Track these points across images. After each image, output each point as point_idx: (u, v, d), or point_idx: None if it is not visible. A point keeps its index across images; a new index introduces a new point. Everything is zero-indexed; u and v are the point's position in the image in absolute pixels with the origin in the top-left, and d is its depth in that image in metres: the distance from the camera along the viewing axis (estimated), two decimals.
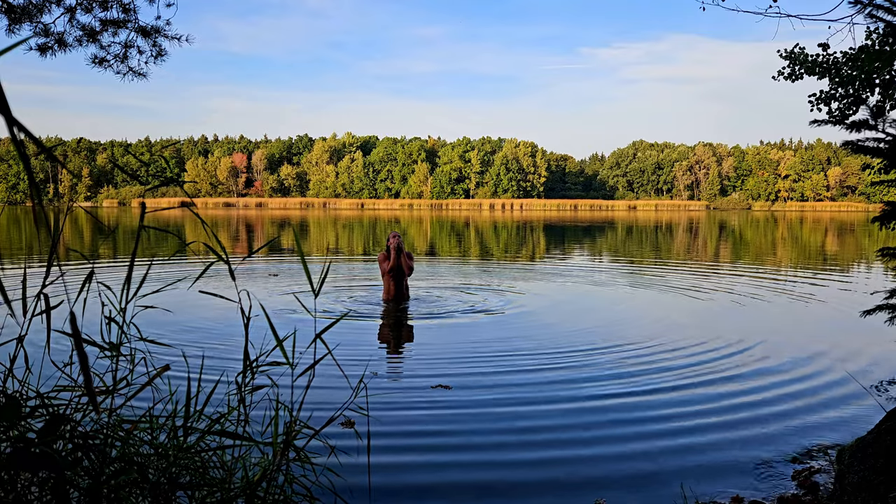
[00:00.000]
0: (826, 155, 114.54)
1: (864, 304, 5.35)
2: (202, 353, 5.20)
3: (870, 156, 4.25)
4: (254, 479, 1.96)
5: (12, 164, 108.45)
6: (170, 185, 2.21)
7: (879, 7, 4.01)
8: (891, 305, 4.43)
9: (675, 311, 8.94)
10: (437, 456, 3.76)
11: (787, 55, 4.79)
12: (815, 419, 4.40)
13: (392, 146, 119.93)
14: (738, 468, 3.59)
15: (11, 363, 2.02)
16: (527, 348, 6.30)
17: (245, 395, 2.13)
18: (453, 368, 5.53)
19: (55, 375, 2.19)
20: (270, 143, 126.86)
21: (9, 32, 5.57)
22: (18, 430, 1.80)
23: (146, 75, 6.20)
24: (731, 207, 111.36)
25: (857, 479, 2.74)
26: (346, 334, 6.74)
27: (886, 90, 4.29)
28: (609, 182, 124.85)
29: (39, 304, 1.82)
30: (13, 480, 1.61)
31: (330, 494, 2.52)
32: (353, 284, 10.84)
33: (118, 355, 2.01)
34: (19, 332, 1.91)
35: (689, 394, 4.93)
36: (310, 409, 3.05)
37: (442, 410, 4.50)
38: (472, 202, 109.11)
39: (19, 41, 0.93)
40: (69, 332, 1.25)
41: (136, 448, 1.97)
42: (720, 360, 5.96)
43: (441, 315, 8.02)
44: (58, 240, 1.47)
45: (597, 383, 5.17)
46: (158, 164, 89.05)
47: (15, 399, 1.67)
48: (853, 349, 6.49)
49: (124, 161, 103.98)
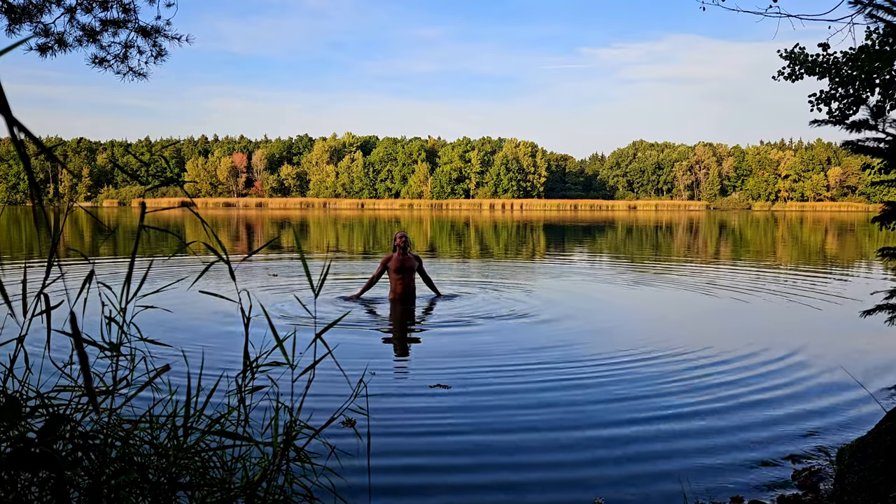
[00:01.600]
0: (826, 155, 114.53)
1: (864, 304, 5.35)
2: (202, 353, 5.20)
3: (870, 156, 4.24)
4: (254, 479, 1.96)
5: (12, 164, 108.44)
6: (170, 185, 2.21)
7: (879, 7, 4.00)
8: (891, 305, 4.43)
9: (671, 311, 8.94)
10: (437, 455, 3.76)
11: (787, 55, 4.79)
12: (815, 419, 4.40)
13: (392, 146, 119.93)
14: (739, 468, 3.59)
15: (11, 363, 2.02)
16: (526, 347, 6.30)
17: (245, 396, 2.13)
18: (453, 368, 5.53)
19: (55, 375, 2.19)
20: (270, 143, 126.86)
21: (9, 32, 5.58)
22: (18, 430, 1.80)
23: (146, 75, 6.20)
24: (731, 207, 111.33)
25: (858, 479, 2.74)
26: (346, 334, 6.74)
27: (886, 90, 4.29)
28: (609, 182, 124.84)
29: (39, 304, 1.82)
30: (13, 480, 1.61)
31: (330, 494, 2.52)
32: (354, 284, 10.84)
33: (118, 355, 2.01)
34: (19, 332, 1.91)
35: (688, 393, 4.92)
36: (310, 410, 3.04)
37: (442, 410, 4.50)
38: (472, 202, 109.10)
39: (19, 41, 0.93)
40: (69, 332, 1.25)
41: (136, 448, 1.97)
42: (720, 359, 5.96)
43: (441, 315, 8.01)
44: (58, 240, 1.47)
45: (596, 383, 5.17)
46: (158, 164, 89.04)
47: (15, 399, 1.67)
48: (853, 349, 6.49)
49: (124, 161, 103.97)
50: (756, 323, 8.01)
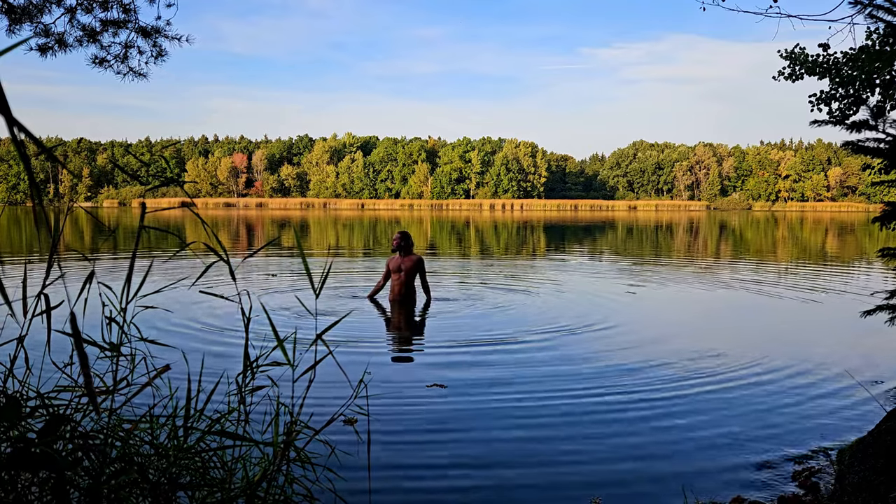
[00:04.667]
0: (826, 155, 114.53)
1: (864, 304, 5.35)
2: (202, 353, 5.19)
3: (870, 156, 4.25)
4: (254, 479, 1.96)
5: (13, 165, 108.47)
6: (170, 185, 2.21)
7: (880, 7, 4.01)
8: (891, 305, 4.43)
9: (670, 310, 8.94)
10: (437, 456, 3.76)
11: (788, 55, 4.79)
12: (815, 419, 4.40)
13: (392, 146, 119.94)
14: (739, 468, 3.59)
15: (12, 363, 2.02)
16: (525, 347, 6.30)
17: (245, 396, 2.14)
18: (453, 367, 5.53)
19: (55, 375, 2.19)
20: (271, 144, 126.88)
21: (9, 33, 5.58)
22: (19, 430, 1.80)
23: (146, 75, 6.20)
24: (731, 208, 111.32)
25: (858, 480, 2.74)
26: (347, 334, 6.73)
27: (887, 90, 4.29)
28: (609, 182, 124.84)
29: (40, 305, 1.82)
30: (13, 480, 1.61)
31: (330, 494, 2.52)
32: (355, 284, 10.84)
33: (118, 355, 2.01)
34: (20, 333, 1.91)
35: (688, 393, 4.92)
36: (310, 410, 3.05)
37: (441, 410, 4.50)
38: (472, 202, 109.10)
39: (20, 41, 0.93)
40: (69, 333, 1.25)
41: (137, 448, 1.97)
42: (720, 359, 5.96)
43: (442, 314, 8.01)
44: (58, 240, 1.47)
45: (596, 382, 5.17)
46: (159, 164, 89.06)
47: (15, 399, 1.67)
48: (853, 349, 6.49)
49: (124, 161, 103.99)
50: (756, 323, 8.01)
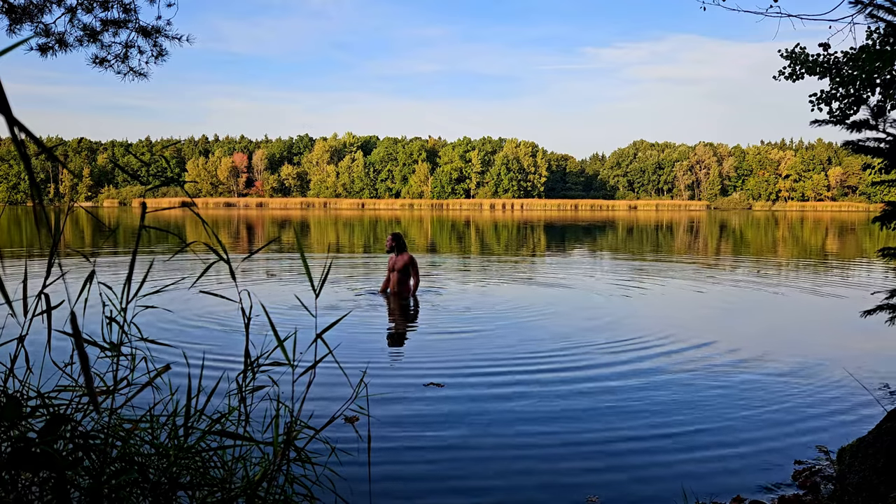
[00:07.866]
0: (827, 155, 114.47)
1: (864, 304, 5.35)
2: (202, 353, 5.20)
3: (870, 156, 4.25)
4: (254, 478, 1.96)
5: (13, 164, 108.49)
6: (170, 185, 2.21)
7: (880, 7, 4.00)
8: (891, 305, 4.43)
9: (670, 310, 8.94)
10: (437, 456, 3.76)
11: (788, 55, 4.79)
12: (815, 419, 4.40)
13: (393, 146, 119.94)
14: (739, 468, 3.59)
15: (12, 363, 2.02)
16: (523, 345, 6.30)
17: (246, 395, 2.14)
18: (452, 367, 5.53)
19: (56, 375, 2.19)
20: (271, 143, 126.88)
21: (9, 32, 5.58)
22: (19, 429, 1.80)
23: (147, 75, 6.20)
24: (731, 207, 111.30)
25: (858, 480, 2.74)
26: (347, 334, 6.74)
27: (887, 90, 4.29)
28: (610, 182, 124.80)
29: (40, 304, 1.82)
30: (14, 480, 1.61)
31: (330, 494, 2.52)
32: (355, 284, 10.84)
33: (119, 355, 2.01)
34: (20, 332, 1.91)
35: (688, 393, 4.92)
36: (310, 409, 3.05)
37: (440, 410, 4.50)
38: (472, 202, 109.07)
39: (20, 41, 0.93)
40: (70, 332, 1.25)
41: (137, 448, 1.98)
42: (720, 359, 5.96)
43: (443, 314, 8.01)
44: (58, 240, 1.47)
45: (595, 381, 5.17)
46: (159, 164, 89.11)
47: (16, 399, 1.67)
48: (853, 349, 6.49)
49: (125, 161, 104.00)
50: (756, 322, 8.01)
